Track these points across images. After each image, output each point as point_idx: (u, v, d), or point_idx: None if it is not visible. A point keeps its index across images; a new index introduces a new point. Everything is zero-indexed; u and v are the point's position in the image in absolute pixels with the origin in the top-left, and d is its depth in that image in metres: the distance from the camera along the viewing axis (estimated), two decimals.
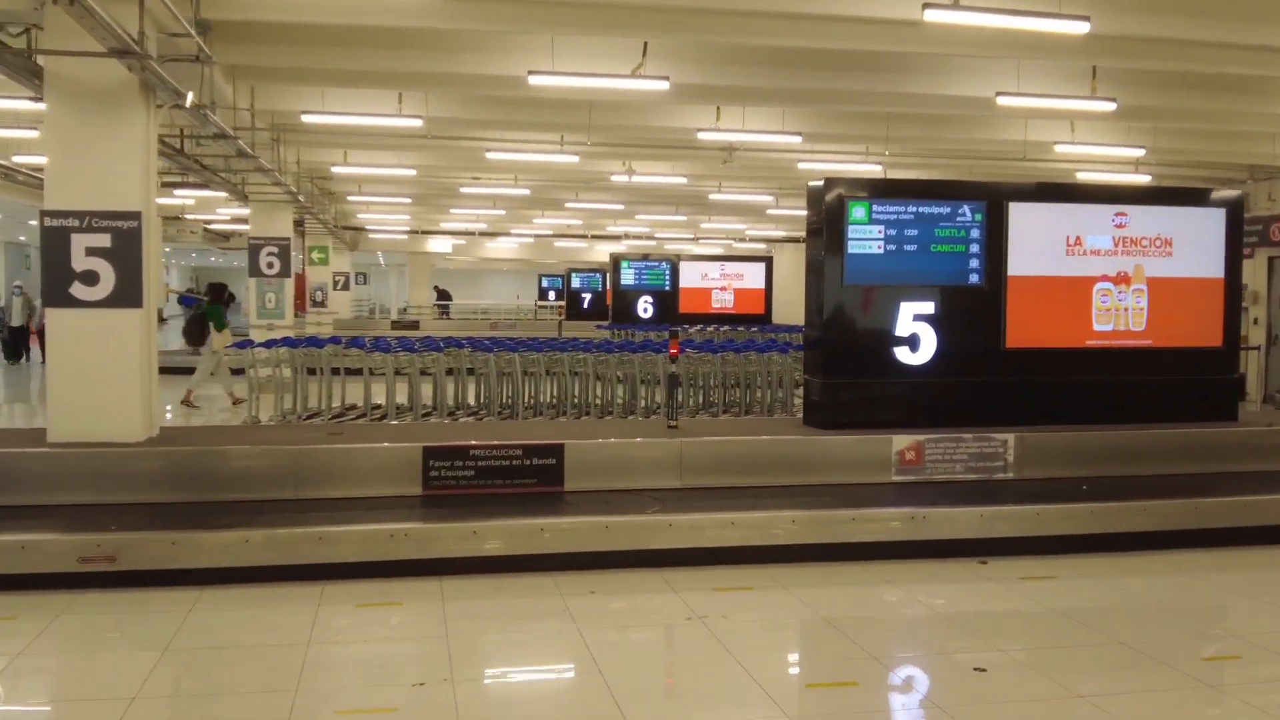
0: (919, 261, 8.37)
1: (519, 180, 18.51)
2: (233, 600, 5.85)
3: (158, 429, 7.56)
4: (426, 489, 7.19)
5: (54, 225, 7.01)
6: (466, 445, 7.28)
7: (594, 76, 9.12)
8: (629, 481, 7.48)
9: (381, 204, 23.63)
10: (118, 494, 6.81)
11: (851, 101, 11.68)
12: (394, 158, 15.89)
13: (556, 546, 6.43)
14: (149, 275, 7.33)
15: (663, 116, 12.47)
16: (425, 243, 33.92)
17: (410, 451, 7.22)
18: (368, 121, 11.51)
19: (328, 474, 7.15)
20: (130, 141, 7.13)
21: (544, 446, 7.39)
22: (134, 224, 7.13)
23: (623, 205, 22.43)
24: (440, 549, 6.31)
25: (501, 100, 12.03)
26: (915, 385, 8.42)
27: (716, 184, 19.07)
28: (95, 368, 7.13)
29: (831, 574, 6.62)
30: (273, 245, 17.60)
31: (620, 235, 30.64)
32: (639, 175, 15.90)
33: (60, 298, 7.06)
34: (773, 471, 7.77)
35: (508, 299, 48.14)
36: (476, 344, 12.10)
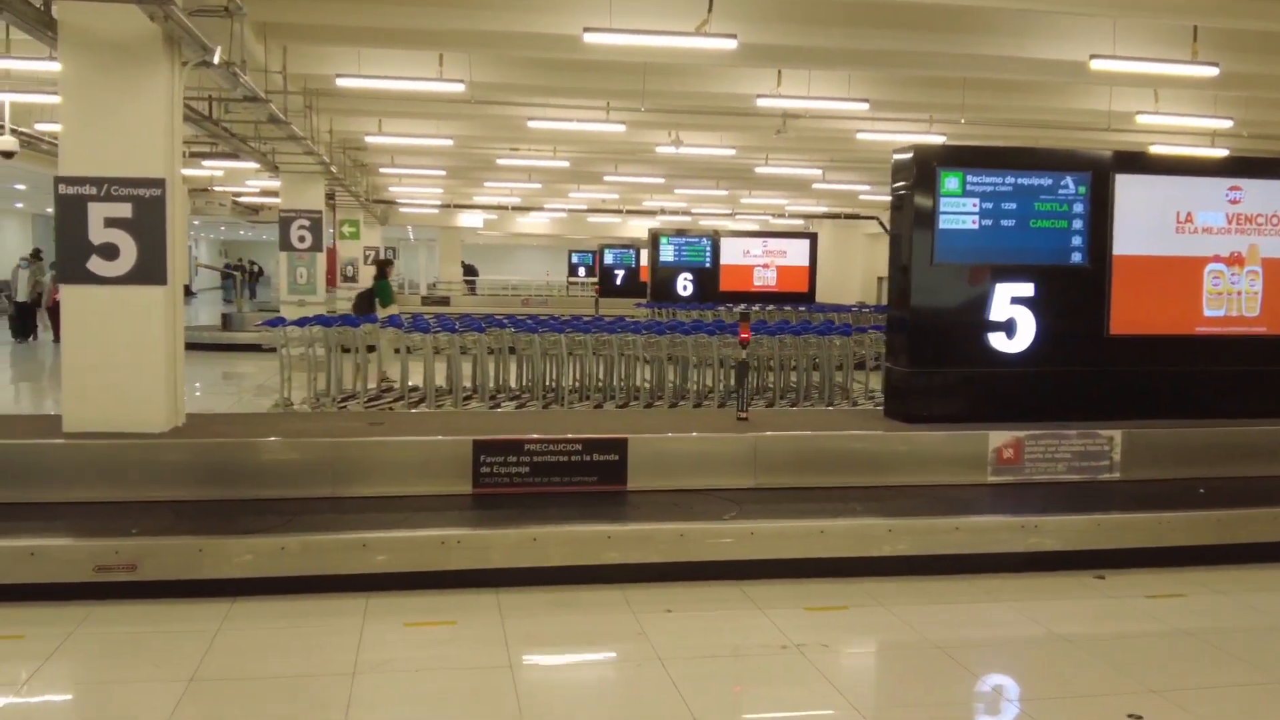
0: (1016, 238, 7.59)
1: (558, 152, 17.76)
2: (266, 615, 5.20)
3: (183, 417, 6.91)
4: (477, 487, 6.51)
5: (69, 193, 6.34)
6: (521, 439, 6.59)
7: (655, 34, 8.35)
8: (697, 480, 6.78)
9: (414, 176, 22.94)
10: (139, 490, 6.17)
11: (924, 65, 10.85)
12: (431, 127, 15.17)
13: (625, 556, 5.74)
14: (174, 249, 6.66)
15: (720, 82, 11.68)
16: (456, 217, 33.26)
17: (459, 446, 6.54)
18: (406, 86, 10.78)
19: (369, 469, 6.48)
20: (153, 102, 6.44)
21: (605, 441, 6.68)
22: (157, 192, 6.45)
23: (663, 179, 21.64)
24: (497, 558, 5.63)
25: (549, 63, 11.28)
26: (1011, 375, 7.65)
27: (764, 156, 18.24)
28: (115, 351, 6.48)
29: (932, 590, 5.89)
30: (304, 218, 16.96)
31: (656, 210, 29.85)
32: (686, 147, 15.10)
33: (77, 273, 6.40)
34: (854, 470, 7.04)
35: (537, 275, 47.49)
36: (519, 323, 11.42)
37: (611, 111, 12.81)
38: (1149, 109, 12.27)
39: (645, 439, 6.77)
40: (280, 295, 17.78)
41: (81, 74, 6.32)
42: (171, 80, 6.60)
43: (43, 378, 15.74)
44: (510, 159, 18.09)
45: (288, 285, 17.19)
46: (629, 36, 8.29)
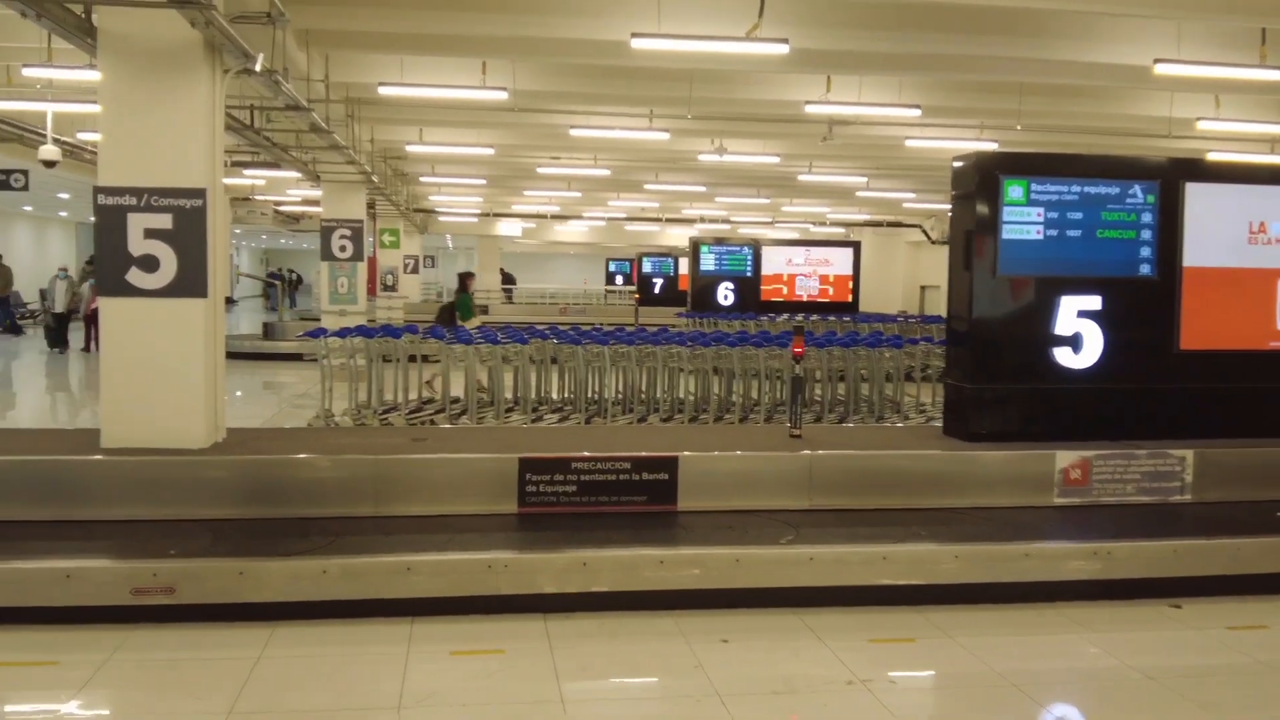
0: (1083, 249, 7.28)
1: (598, 160, 17.58)
2: (307, 641, 5.00)
3: (224, 433, 6.76)
4: (523, 506, 6.30)
5: (109, 204, 6.21)
6: (568, 458, 6.37)
7: (704, 40, 8.12)
8: (750, 500, 6.53)
9: (454, 185, 22.87)
10: (178, 508, 6.01)
11: (978, 70, 10.54)
12: (472, 136, 15.05)
13: (678, 582, 5.49)
14: (215, 261, 6.51)
15: (767, 88, 11.43)
16: (495, 226, 33.22)
17: (504, 464, 6.33)
18: (448, 94, 10.64)
19: (412, 488, 6.29)
20: (194, 110, 6.30)
21: (655, 460, 6.45)
22: (198, 203, 6.31)
23: (704, 187, 21.40)
24: (545, 583, 5.41)
25: (593, 70, 11.08)
26: (1077, 392, 7.34)
27: (807, 164, 17.96)
28: (154, 365, 6.34)
29: (1001, 620, 5.59)
30: (345, 227, 16.88)
31: (695, 219, 29.60)
32: (730, 154, 14.86)
33: (116, 285, 6.27)
34: (913, 491, 6.75)
35: (574, 283, 47.39)
36: (562, 334, 11.22)
37: (655, 119, 12.60)
38: (1210, 115, 11.87)
39: (696, 457, 6.52)
40: (321, 305, 17.72)
41: (121, 82, 6.20)
42: (213, 88, 6.46)
43: (72, 388, 15.72)
44: (551, 167, 17.94)
45: (329, 295, 17.12)
46: (677, 42, 8.08)
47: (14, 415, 12.79)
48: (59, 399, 14.83)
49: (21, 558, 5.18)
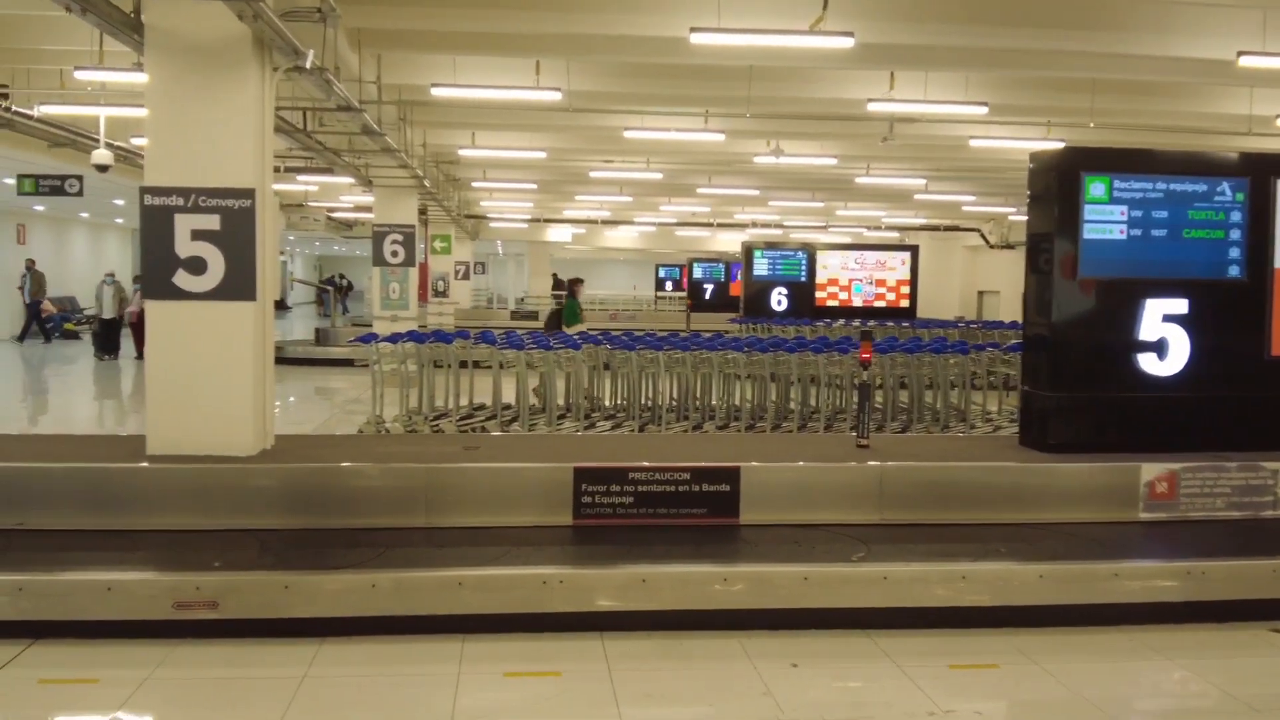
0: (1168, 250, 6.88)
1: (651, 164, 17.32)
2: (356, 660, 4.78)
3: (272, 439, 6.58)
4: (578, 518, 6.04)
5: (155, 204, 6.06)
6: (625, 468, 6.10)
7: (766, 34, 7.83)
8: (816, 514, 6.21)
9: (506, 190, 22.76)
10: (224, 518, 5.83)
11: (1050, 65, 10.14)
12: (524, 139, 14.87)
13: (743, 601, 5.19)
14: (264, 263, 6.34)
15: (828, 85, 11.10)
16: (545, 231, 33.12)
17: (559, 473, 6.08)
18: (501, 95, 10.44)
19: (464, 498, 6.05)
20: (243, 108, 6.14)
21: (716, 470, 6.16)
22: (247, 203, 6.14)
23: (758, 190, 21.07)
24: (602, 600, 5.14)
25: (648, 69, 10.83)
26: (1162, 400, 6.92)
27: (865, 166, 17.57)
28: (201, 370, 6.17)
29: (1089, 644, 5.22)
30: (397, 233, 16.78)
31: (748, 223, 29.24)
32: (786, 156, 14.52)
33: (162, 288, 6.12)
34: (990, 505, 6.38)
35: (623, 289, 47.22)
36: (615, 340, 10.96)
37: (710, 119, 12.32)
38: None
39: (759, 468, 6.22)
40: (373, 310, 17.64)
41: (169, 80, 6.05)
42: (262, 86, 6.29)
43: (121, 395, 15.58)
44: (603, 171, 17.72)
45: (380, 300, 17.03)
46: (738, 37, 7.79)
47: (59, 422, 12.74)
48: (106, 406, 14.75)
49: (62, 569, 5.02)
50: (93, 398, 15.60)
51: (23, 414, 13.28)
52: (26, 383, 17.16)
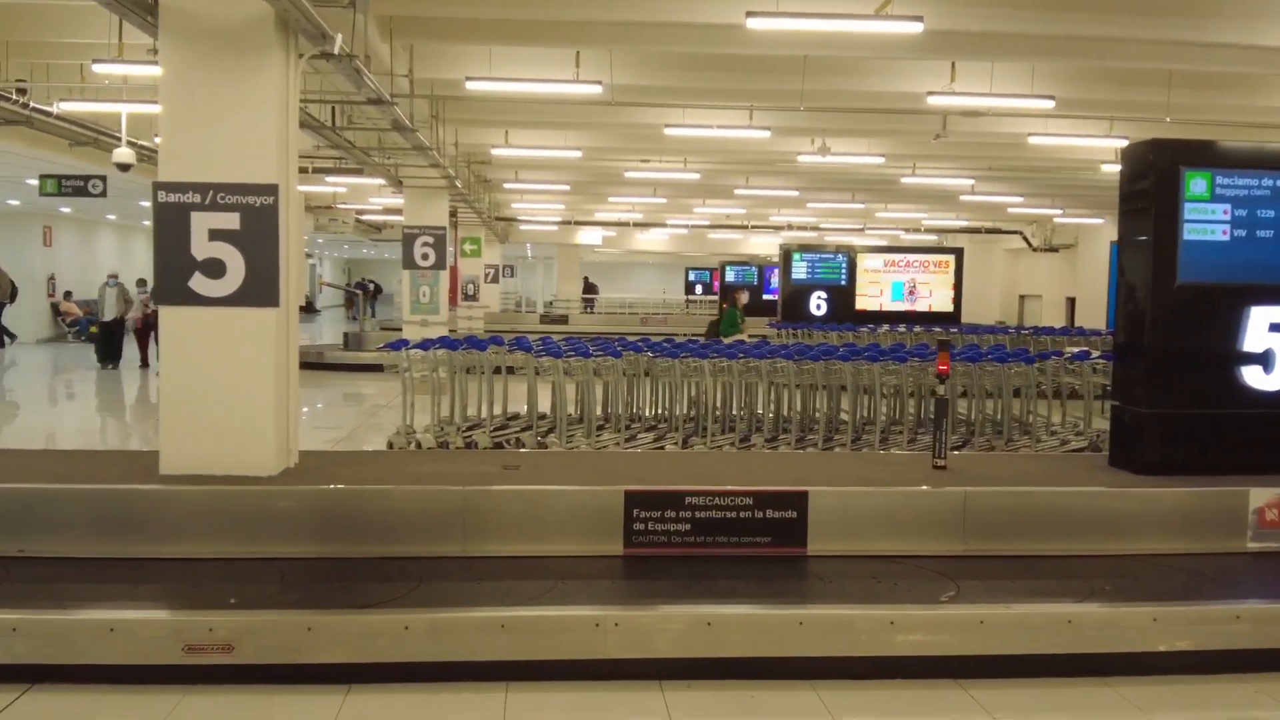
0: (1276, 252, 6.24)
1: (688, 163, 16.75)
2: (386, 711, 4.23)
3: (296, 457, 6.06)
4: (629, 546, 5.48)
5: (170, 201, 5.55)
6: (681, 491, 5.54)
7: (830, 19, 7.24)
8: (892, 543, 5.62)
9: (538, 192, 22.26)
10: (243, 545, 5.31)
11: (1123, 55, 9.49)
12: (559, 138, 14.35)
13: (821, 648, 4.60)
14: (288, 266, 5.83)
15: (886, 78, 10.50)
16: (575, 234, 32.61)
17: (608, 497, 5.52)
18: (539, 89, 9.90)
19: (504, 524, 5.51)
20: (265, 97, 5.62)
21: (782, 495, 5.58)
22: (269, 200, 5.62)
23: (797, 192, 20.43)
24: (662, 646, 4.57)
25: (694, 61, 10.28)
26: (1269, 418, 6.29)
27: (911, 166, 16.92)
28: (219, 382, 5.66)
29: (1210, 696, 4.60)
30: (428, 235, 16.30)
31: (783, 225, 28.60)
32: (832, 155, 13.90)
33: (177, 293, 5.61)
34: (1082, 534, 5.77)
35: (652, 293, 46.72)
36: (656, 347, 10.39)
37: (755, 116, 11.74)
38: None
39: (829, 493, 5.64)
40: (402, 314, 17.16)
41: (185, 66, 5.54)
42: (286, 73, 5.78)
43: (124, 409, 14.50)
44: (639, 172, 17.17)
45: (410, 304, 16.54)
46: (799, 21, 7.21)
47: (60, 437, 11.58)
48: (108, 420, 13.45)
49: (61, 606, 4.52)
50: (95, 410, 14.42)
51: (20, 426, 12.46)
52: (23, 392, 16.00)
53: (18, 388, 16.26)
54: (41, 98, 10.20)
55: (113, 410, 14.31)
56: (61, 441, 10.98)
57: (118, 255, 26.62)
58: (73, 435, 11.65)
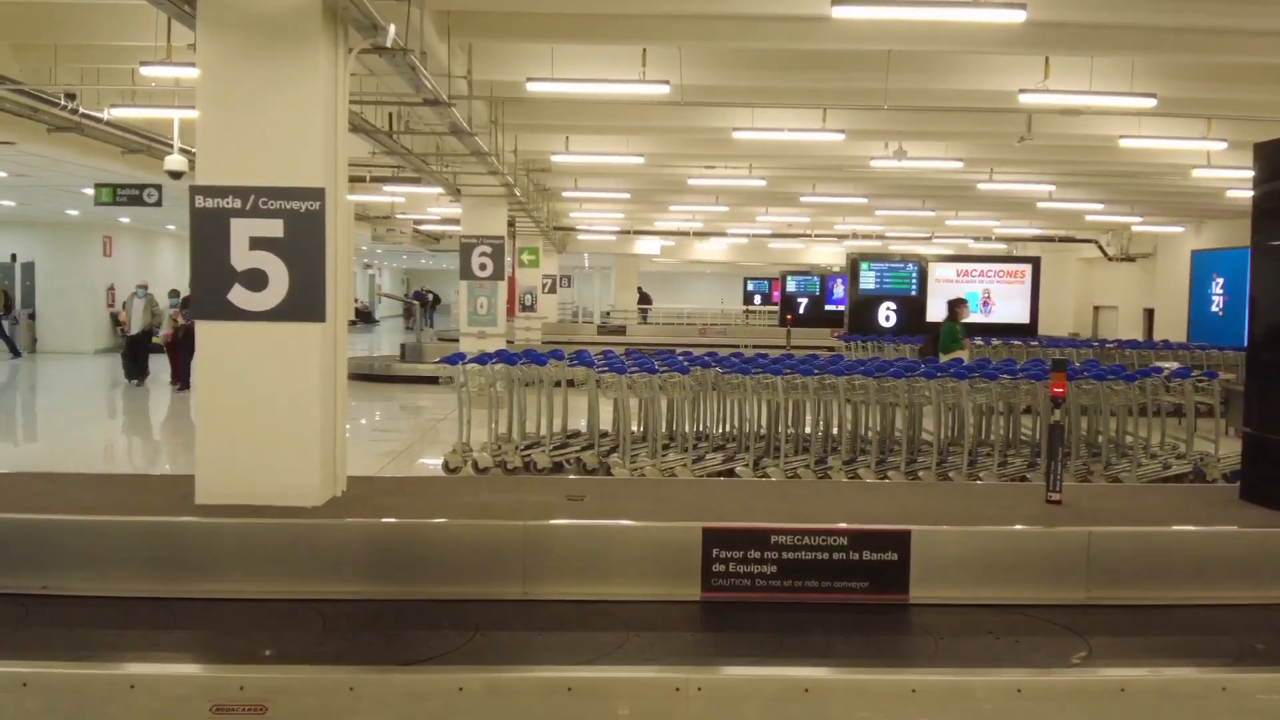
0: None
1: (754, 169, 16.14)
2: None
3: (343, 484, 5.57)
4: (708, 590, 4.91)
5: (208, 207, 5.11)
6: (766, 529, 4.95)
7: (923, 6, 6.60)
8: (1004, 589, 4.98)
9: (597, 200, 21.79)
10: (282, 583, 4.83)
11: (1231, 50, 8.74)
12: (622, 143, 13.82)
13: (935, 717, 3.98)
14: (336, 277, 5.36)
15: (973, 75, 9.81)
16: (633, 244, 32.09)
17: (685, 535, 4.95)
18: (603, 89, 9.37)
19: (568, 563, 4.96)
20: (311, 93, 5.16)
21: (881, 535, 4.97)
22: (315, 206, 5.15)
23: (865, 199, 19.71)
24: (751, 715, 3.98)
25: (768, 59, 9.70)
26: None
27: (988, 171, 16.13)
28: (260, 404, 5.20)
29: None
30: (485, 244, 15.86)
31: (848, 234, 27.84)
32: (909, 160, 13.21)
33: (215, 306, 5.16)
34: (1217, 580, 5.08)
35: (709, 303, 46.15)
36: (726, 361, 9.79)
37: (830, 117, 11.11)
38: None
39: (934, 533, 5.02)
40: (460, 326, 16.74)
41: (224, 59, 5.09)
42: (335, 68, 5.31)
43: (152, 429, 13.13)
44: (702, 179, 16.59)
45: (468, 316, 16.11)
46: (890, 10, 6.58)
47: (85, 457, 10.23)
48: (134, 441, 12.35)
49: (79, 656, 4.06)
50: (119, 430, 13.15)
51: (42, 446, 11.53)
52: (44, 408, 14.93)
53: (40, 403, 15.47)
54: (92, 103, 9.91)
55: (137, 430, 13.07)
56: (82, 463, 9.48)
57: (177, 266, 26.62)
58: (94, 457, 10.50)
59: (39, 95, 9.13)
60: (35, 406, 15.18)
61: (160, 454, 11.14)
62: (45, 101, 9.28)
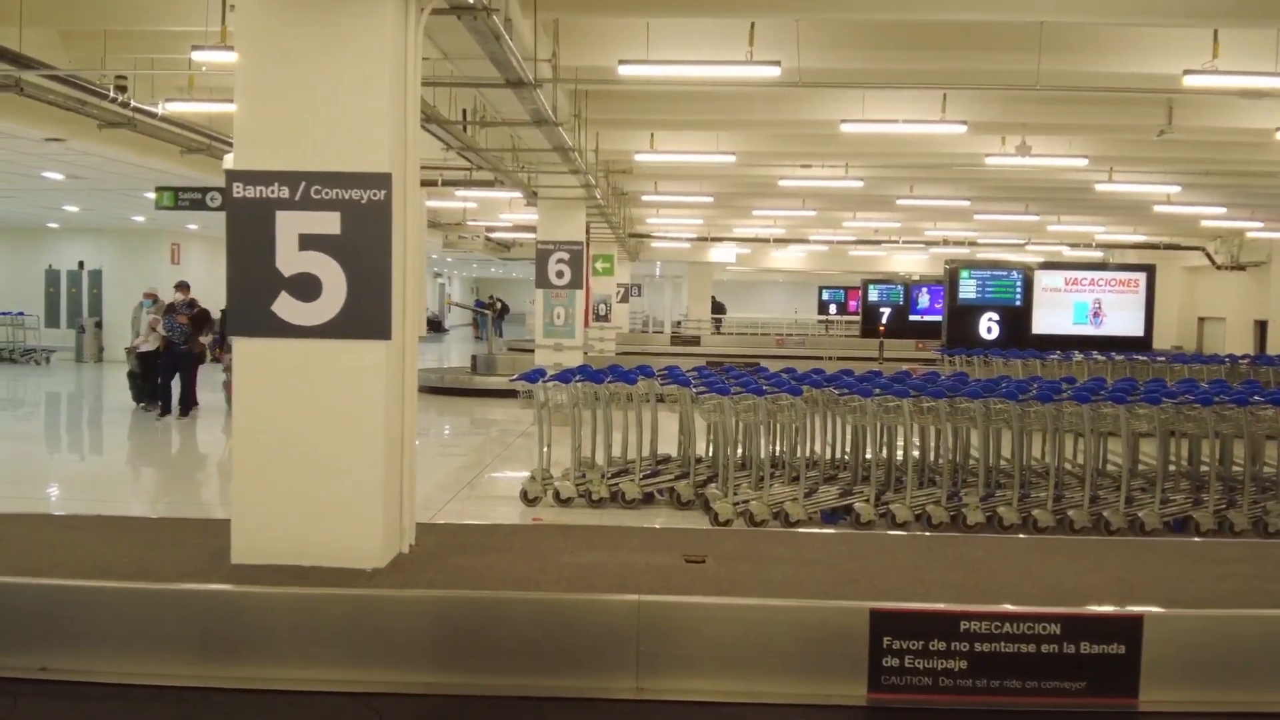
0: None
1: (850, 169, 14.95)
2: None
3: (411, 538, 4.55)
4: (876, 690, 3.79)
5: (247, 197, 4.13)
6: (953, 613, 3.82)
7: None
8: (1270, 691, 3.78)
9: (677, 205, 20.75)
10: (333, 670, 3.82)
11: None
12: (711, 140, 12.75)
13: None
14: (404, 284, 4.35)
15: (1130, 57, 8.55)
16: (707, 252, 31.01)
17: (845, 617, 3.84)
18: (704, 71, 8.30)
19: (696, 652, 3.88)
20: (376, 57, 4.16)
21: (1103, 621, 3.81)
22: (379, 195, 4.15)
23: (968, 201, 18.40)
24: None
25: (895, 34, 8.59)
26: None
27: (1108, 170, 14.74)
28: (310, 441, 4.20)
29: None
30: (563, 251, 14.86)
31: (938, 240, 26.44)
32: (1032, 157, 11.91)
33: (255, 320, 4.17)
34: None
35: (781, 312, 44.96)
36: (843, 382, 8.62)
37: (952, 106, 9.92)
38: None
39: (1173, 617, 3.84)
40: (535, 338, 15.77)
41: (269, 15, 4.11)
42: (405, 29, 4.31)
43: (166, 462, 10.57)
44: (795, 180, 15.43)
45: (544, 327, 15.12)
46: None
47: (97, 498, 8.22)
48: (152, 477, 9.84)
49: None
50: (124, 461, 10.80)
51: (44, 481, 9.11)
52: (53, 440, 12.36)
53: (49, 429, 13.35)
54: (145, 97, 9.12)
55: (152, 464, 10.58)
56: (100, 501, 7.95)
57: None
58: (100, 494, 8.45)
59: (86, 85, 8.35)
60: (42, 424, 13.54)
61: (174, 489, 8.94)
62: (94, 93, 8.51)
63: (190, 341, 12.23)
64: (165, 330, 12.21)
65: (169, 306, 12.45)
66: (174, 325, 12.19)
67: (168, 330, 12.18)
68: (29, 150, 11.36)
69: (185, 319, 12.28)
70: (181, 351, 12.18)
